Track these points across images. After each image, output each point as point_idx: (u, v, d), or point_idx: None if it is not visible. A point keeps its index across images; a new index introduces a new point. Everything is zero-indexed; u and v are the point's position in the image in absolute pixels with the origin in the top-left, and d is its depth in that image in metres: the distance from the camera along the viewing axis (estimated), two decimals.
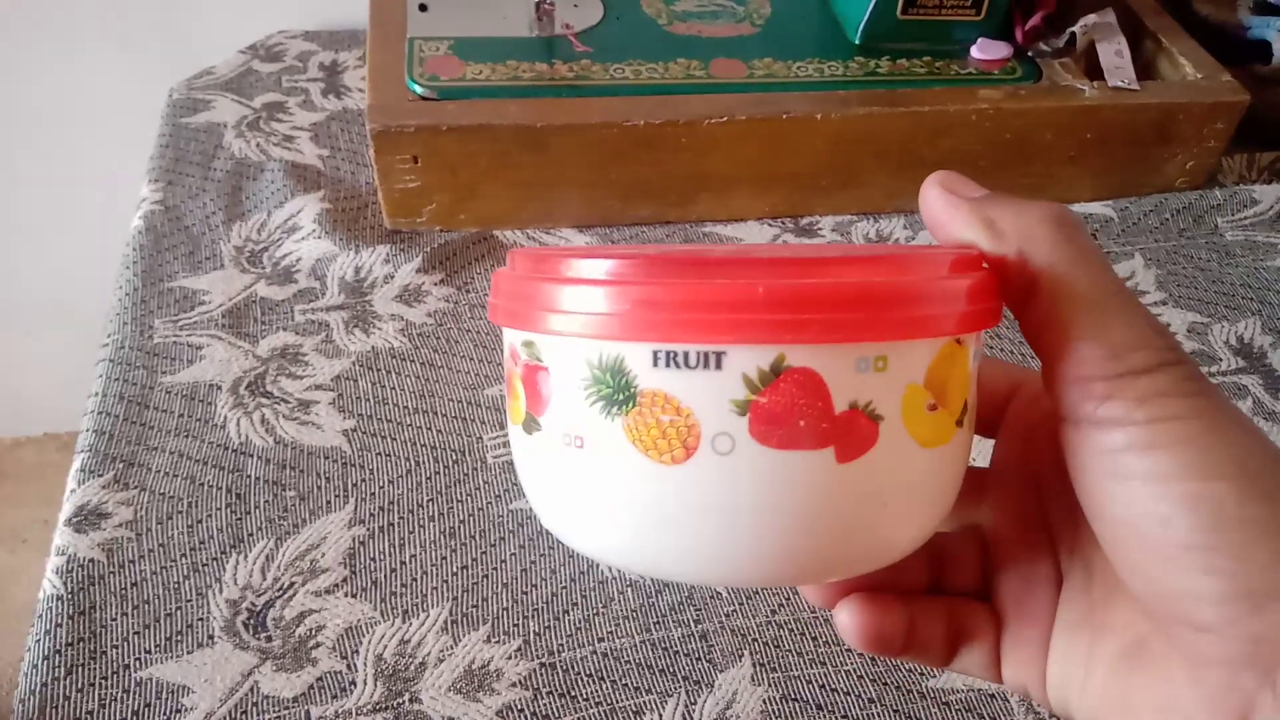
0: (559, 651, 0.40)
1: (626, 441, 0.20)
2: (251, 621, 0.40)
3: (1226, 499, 0.19)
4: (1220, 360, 0.54)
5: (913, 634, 0.26)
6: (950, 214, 0.23)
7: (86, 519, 0.43)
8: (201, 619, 0.40)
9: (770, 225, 0.60)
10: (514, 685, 0.39)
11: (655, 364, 0.20)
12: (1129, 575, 0.21)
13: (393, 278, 0.54)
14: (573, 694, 0.39)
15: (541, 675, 0.39)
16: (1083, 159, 0.60)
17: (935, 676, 0.40)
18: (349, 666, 0.39)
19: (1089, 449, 0.21)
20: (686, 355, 0.20)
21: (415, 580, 0.42)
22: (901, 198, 0.60)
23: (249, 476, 0.45)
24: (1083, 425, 0.21)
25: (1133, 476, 0.20)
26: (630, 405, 0.20)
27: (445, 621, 0.41)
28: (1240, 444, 0.20)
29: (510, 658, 0.40)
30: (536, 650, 0.40)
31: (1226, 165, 0.66)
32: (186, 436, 0.46)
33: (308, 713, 0.38)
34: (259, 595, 0.41)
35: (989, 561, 0.28)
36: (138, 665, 0.39)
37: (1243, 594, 0.19)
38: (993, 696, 0.39)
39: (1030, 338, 0.22)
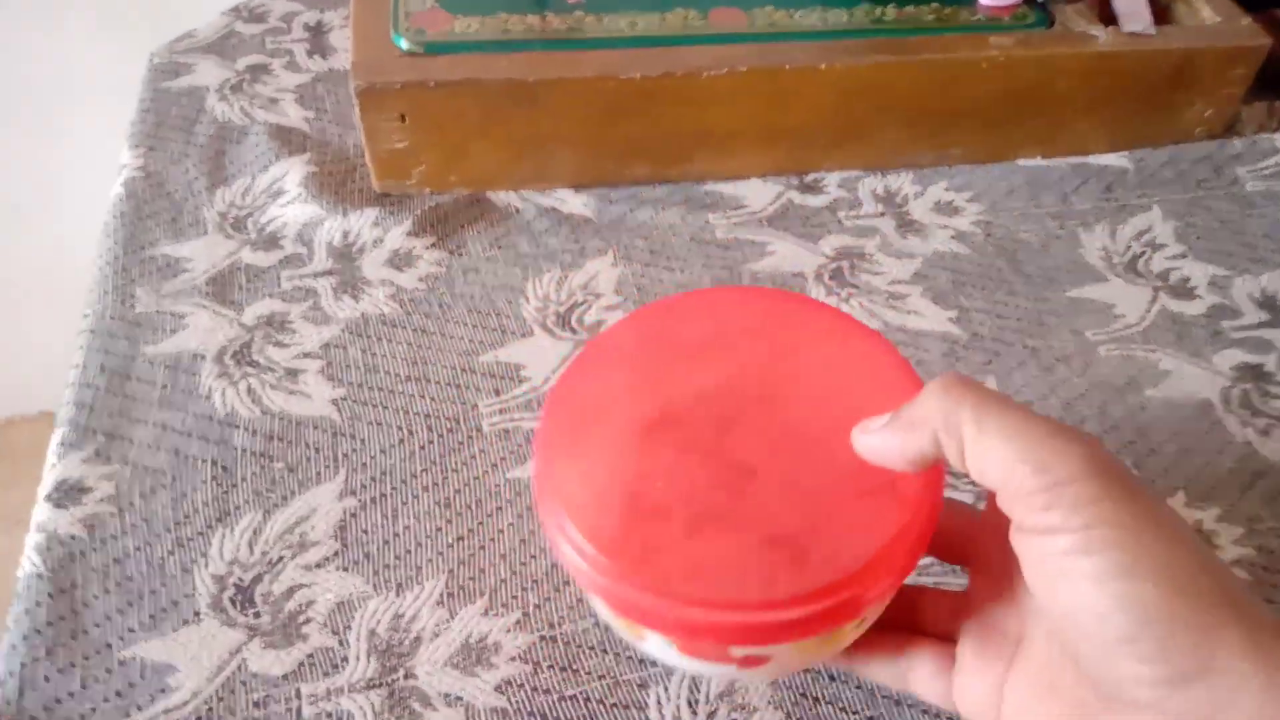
0: (560, 624, 0.39)
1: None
2: (239, 597, 0.39)
3: (1151, 598, 0.22)
4: (1243, 314, 0.51)
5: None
6: (882, 450, 0.27)
7: (67, 494, 0.41)
8: (187, 595, 0.39)
9: (773, 182, 0.58)
10: (513, 659, 0.37)
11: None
12: (1077, 658, 0.25)
13: (382, 242, 0.52)
14: (574, 667, 0.37)
15: (542, 649, 0.38)
16: (1097, 108, 0.58)
17: None
18: (341, 643, 0.38)
19: (1036, 552, 0.24)
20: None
21: (409, 552, 0.40)
22: (910, 151, 0.58)
23: (235, 448, 0.43)
24: (1029, 533, 0.24)
25: (1074, 576, 0.23)
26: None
27: (441, 595, 0.39)
28: (1162, 545, 0.23)
29: (509, 631, 0.38)
30: (536, 623, 0.39)
31: (1246, 114, 0.63)
32: (170, 408, 0.45)
33: (298, 690, 0.36)
34: (246, 570, 0.39)
35: (964, 603, 0.31)
36: (120, 644, 0.37)
37: (1168, 678, 0.22)
38: None
39: (978, 480, 0.25)
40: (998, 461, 0.24)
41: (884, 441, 0.27)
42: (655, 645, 0.30)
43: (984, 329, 0.50)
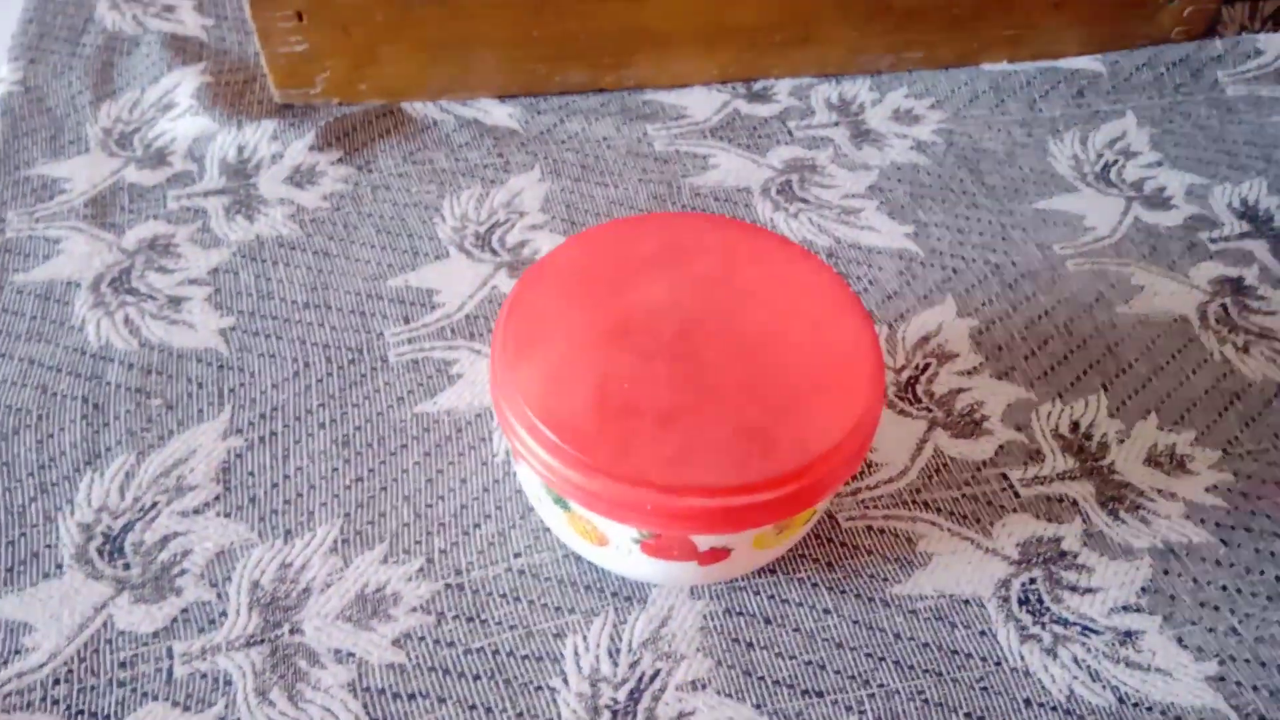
0: (467, 570, 0.35)
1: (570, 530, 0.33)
2: (107, 547, 0.34)
3: None
4: (1223, 225, 0.48)
5: None
6: None
7: None
8: (49, 546, 0.34)
9: (719, 90, 0.53)
10: (414, 610, 0.34)
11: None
12: None
13: (281, 156, 0.47)
14: (483, 617, 0.34)
15: (447, 598, 0.34)
16: (1068, 6, 0.53)
17: (900, 582, 0.35)
18: (219, 596, 0.34)
19: None
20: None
21: (300, 496, 0.36)
22: (867, 54, 0.53)
23: (108, 384, 0.39)
24: None
25: None
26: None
27: (335, 541, 0.35)
28: None
29: (410, 579, 0.34)
30: (441, 569, 0.35)
31: (1227, 14, 0.59)
32: (39, 341, 0.40)
33: (169, 649, 0.32)
34: (116, 517, 0.35)
35: None
36: None
37: None
38: (966, 603, 0.34)
39: None
40: None
41: None
42: (616, 551, 0.31)
43: (942, 244, 0.46)
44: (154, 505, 0.35)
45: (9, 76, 0.51)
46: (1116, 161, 0.51)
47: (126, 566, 0.34)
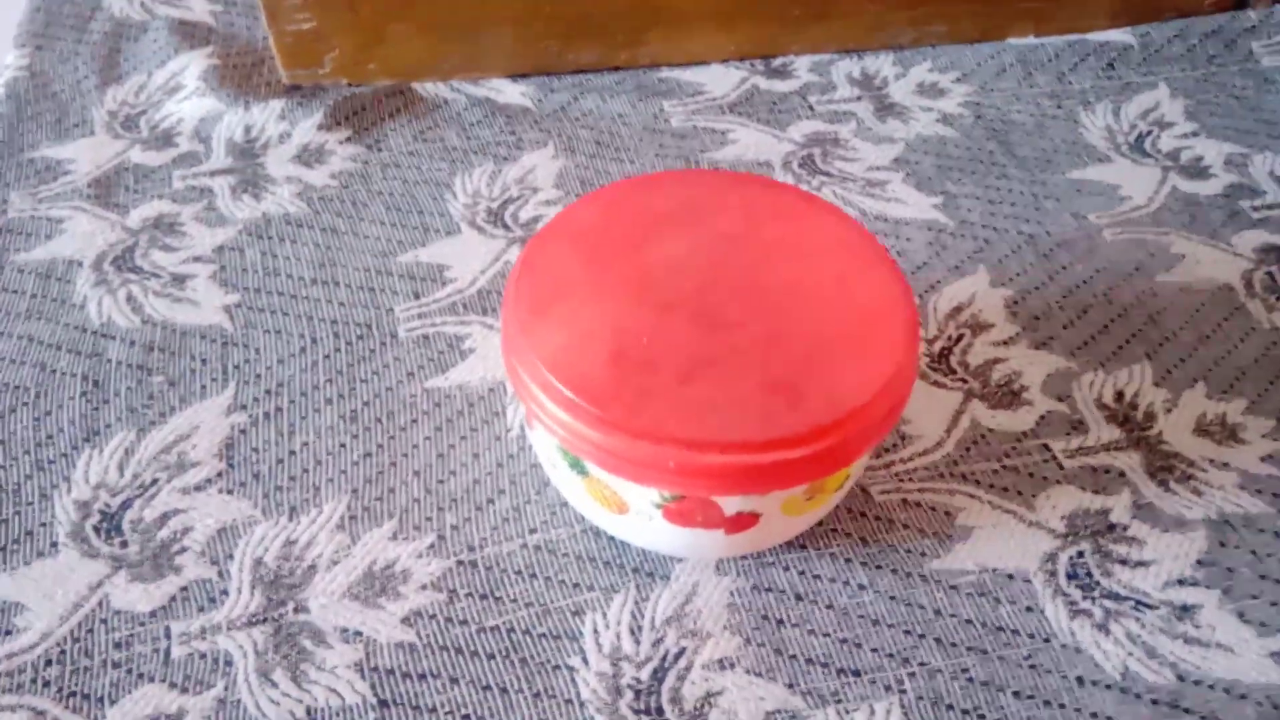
0: (481, 547, 0.33)
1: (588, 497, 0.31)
2: (104, 525, 0.33)
3: None
4: (1265, 193, 0.46)
5: None
6: None
7: None
8: (44, 524, 0.33)
9: (736, 68, 0.52)
10: (425, 588, 0.32)
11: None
12: None
13: (289, 136, 0.46)
14: (497, 595, 0.32)
15: (459, 575, 0.32)
16: None
17: (939, 557, 0.33)
18: (221, 574, 0.32)
19: None
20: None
21: (306, 472, 0.35)
22: (888, 29, 0.52)
23: (109, 361, 0.37)
24: None
25: None
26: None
27: (342, 518, 0.33)
28: None
29: (421, 556, 0.33)
30: (454, 546, 0.33)
31: None
32: (38, 319, 0.39)
33: (168, 629, 0.31)
34: (114, 495, 0.34)
35: None
36: None
37: None
38: (1010, 577, 0.32)
39: None
40: None
41: None
42: (636, 518, 0.30)
43: (973, 215, 0.44)
44: (154, 482, 0.34)
45: (15, 62, 0.50)
46: (1150, 132, 0.49)
47: (124, 544, 0.32)
